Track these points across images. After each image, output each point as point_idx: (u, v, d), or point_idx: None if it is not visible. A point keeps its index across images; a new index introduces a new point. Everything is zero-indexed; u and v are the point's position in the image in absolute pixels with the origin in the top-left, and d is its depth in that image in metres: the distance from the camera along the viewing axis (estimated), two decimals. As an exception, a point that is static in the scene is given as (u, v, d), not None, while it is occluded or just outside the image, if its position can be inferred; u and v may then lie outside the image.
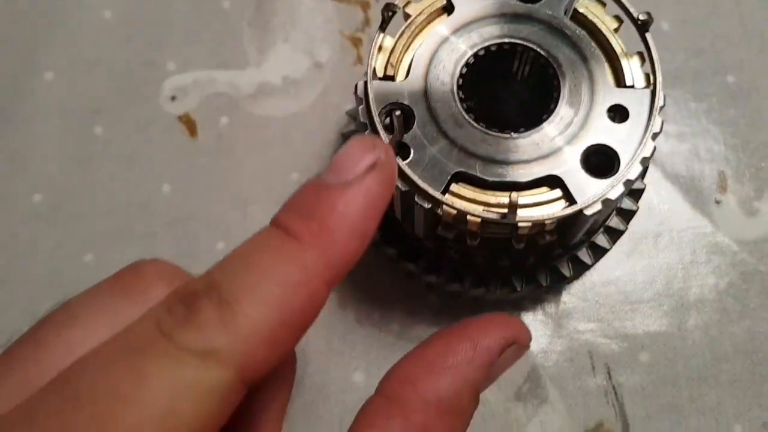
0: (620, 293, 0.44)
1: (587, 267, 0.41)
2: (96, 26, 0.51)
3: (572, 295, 0.44)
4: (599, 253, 0.41)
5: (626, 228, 0.41)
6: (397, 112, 0.34)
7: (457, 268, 0.41)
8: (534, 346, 0.43)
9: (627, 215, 0.41)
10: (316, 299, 0.25)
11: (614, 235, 0.41)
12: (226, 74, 0.50)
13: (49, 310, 0.43)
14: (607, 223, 0.41)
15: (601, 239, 0.41)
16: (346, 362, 0.43)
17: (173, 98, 0.50)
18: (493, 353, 0.29)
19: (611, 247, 0.41)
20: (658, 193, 0.47)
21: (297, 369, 0.34)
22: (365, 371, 0.43)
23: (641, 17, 0.36)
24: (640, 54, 0.37)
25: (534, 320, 0.44)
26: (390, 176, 0.28)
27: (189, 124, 0.49)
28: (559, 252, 0.40)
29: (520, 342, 0.31)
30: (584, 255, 0.41)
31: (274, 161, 0.48)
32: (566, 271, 0.41)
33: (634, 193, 0.41)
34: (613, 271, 0.45)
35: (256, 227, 0.46)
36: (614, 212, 0.41)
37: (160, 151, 0.48)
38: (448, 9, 0.38)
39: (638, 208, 0.41)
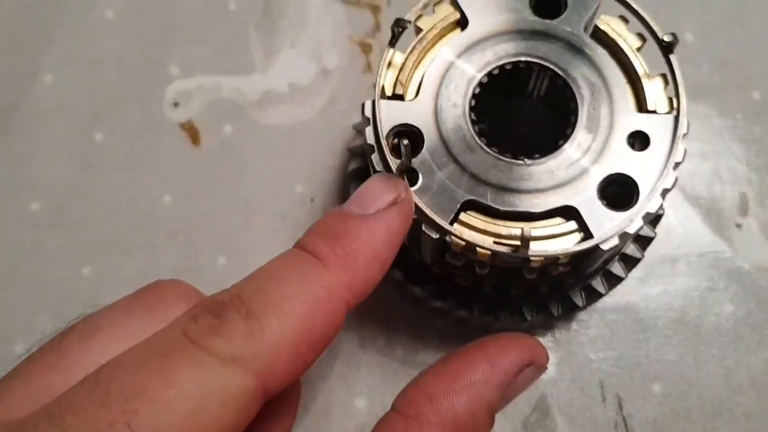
0: (633, 320, 0.43)
1: (601, 296, 0.39)
2: (98, 26, 0.50)
3: (583, 322, 0.43)
4: (614, 281, 0.39)
5: (643, 256, 0.39)
6: (405, 141, 0.32)
7: (465, 295, 0.39)
8: (542, 374, 0.41)
9: (644, 242, 0.40)
10: (336, 318, 0.27)
11: (630, 263, 0.39)
12: (231, 80, 0.49)
13: (46, 322, 0.42)
14: (623, 251, 0.39)
15: (616, 267, 0.39)
16: (349, 387, 0.42)
17: (176, 104, 0.48)
18: (510, 374, 0.30)
19: (627, 276, 0.39)
20: (676, 215, 0.45)
21: (301, 393, 0.34)
22: (368, 397, 0.41)
23: (666, 39, 0.34)
24: (664, 76, 0.35)
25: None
26: (409, 212, 0.31)
27: (192, 131, 0.47)
28: (573, 281, 0.38)
29: (538, 363, 0.32)
30: (598, 284, 0.39)
31: (279, 172, 0.46)
32: (579, 301, 0.39)
33: (652, 219, 0.39)
34: (627, 297, 0.43)
35: (259, 241, 0.45)
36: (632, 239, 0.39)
37: (161, 159, 0.47)
38: (462, 23, 0.36)
39: (656, 234, 0.40)
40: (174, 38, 0.49)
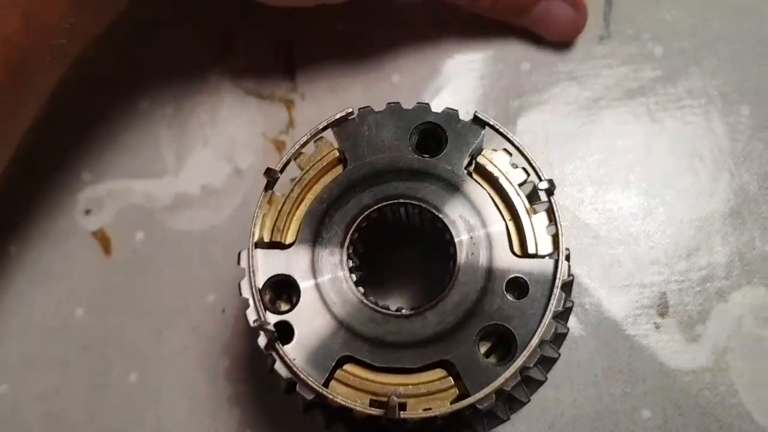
0: (547, 430, 0.42)
1: (502, 421, 0.38)
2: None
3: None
4: (517, 406, 0.38)
5: (546, 378, 0.38)
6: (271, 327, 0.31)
7: (360, 427, 0.38)
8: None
9: (547, 363, 0.39)
10: None
11: (533, 385, 0.38)
12: (143, 184, 0.48)
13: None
14: (525, 374, 0.38)
15: (518, 392, 0.38)
16: None
17: (88, 212, 0.47)
18: None
19: (529, 400, 0.38)
20: (590, 317, 0.44)
21: None
22: None
23: (541, 186, 0.33)
24: (548, 212, 0.34)
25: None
26: None
27: (103, 240, 0.47)
28: (470, 412, 0.37)
29: None
30: (500, 410, 0.38)
31: (191, 281, 0.46)
32: (480, 429, 0.38)
33: (555, 338, 0.38)
34: (540, 406, 0.42)
35: (170, 357, 0.45)
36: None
37: (74, 271, 0.47)
38: (343, 161, 0.35)
39: (560, 355, 0.39)
40: (84, 141, 0.49)
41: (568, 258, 0.34)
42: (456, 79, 0.48)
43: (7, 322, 0.46)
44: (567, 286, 0.33)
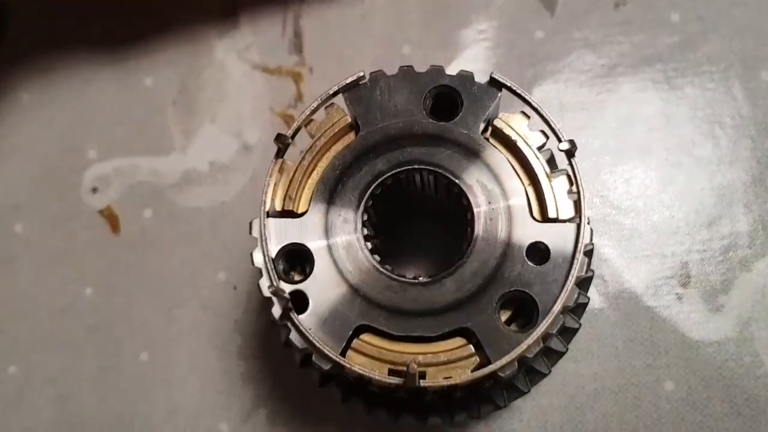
0: (569, 403, 0.41)
1: (523, 393, 0.38)
2: (13, 110, 0.48)
3: (517, 407, 0.41)
4: (537, 378, 0.37)
5: (567, 348, 0.37)
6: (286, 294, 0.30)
7: (380, 400, 0.37)
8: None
9: (568, 334, 0.37)
10: None
11: (553, 357, 0.37)
12: (150, 161, 0.47)
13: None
14: (546, 344, 0.37)
15: (539, 363, 0.37)
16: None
17: (94, 190, 0.47)
18: None
19: (550, 371, 0.37)
20: (611, 288, 0.42)
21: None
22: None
23: (562, 147, 0.31)
24: (569, 176, 0.33)
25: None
26: None
27: (111, 218, 0.46)
28: (491, 383, 0.37)
29: None
30: (520, 382, 0.37)
31: (201, 258, 0.45)
32: (500, 401, 0.37)
33: (575, 309, 0.37)
34: (562, 379, 0.41)
35: (180, 335, 0.44)
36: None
37: (82, 250, 0.46)
38: (355, 127, 0.34)
39: (580, 325, 0.38)
40: (89, 120, 0.48)
41: (589, 223, 0.33)
42: (468, 49, 0.47)
43: (15, 303, 0.45)
44: (587, 255, 0.32)
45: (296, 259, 0.33)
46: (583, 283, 0.38)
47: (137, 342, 0.44)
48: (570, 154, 0.32)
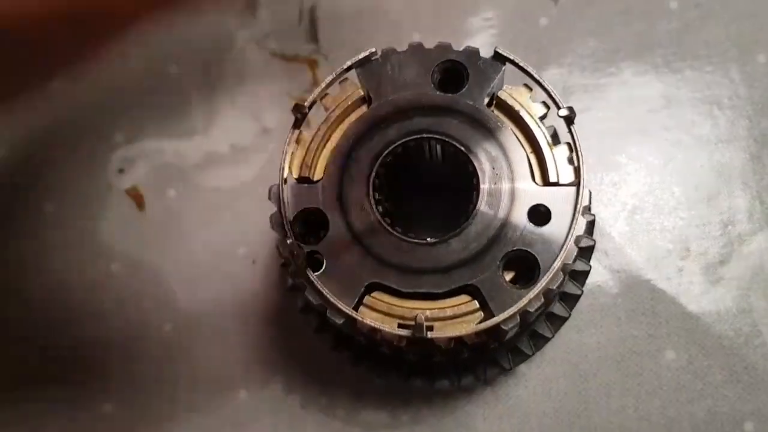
0: (572, 372, 0.43)
1: (528, 356, 0.39)
2: (44, 95, 0.51)
3: (522, 374, 0.43)
4: (541, 342, 0.39)
5: (569, 314, 0.39)
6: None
7: (390, 361, 0.39)
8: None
9: (571, 300, 0.39)
10: None
11: (557, 321, 0.39)
12: (174, 143, 0.49)
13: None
14: (549, 310, 0.39)
15: (542, 327, 0.39)
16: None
17: (121, 171, 0.49)
18: None
19: (553, 335, 0.39)
20: (613, 260, 0.44)
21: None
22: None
23: (561, 113, 0.34)
24: (569, 144, 0.35)
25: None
26: None
27: (137, 197, 0.49)
28: (495, 346, 0.38)
29: None
30: (524, 345, 0.39)
31: (222, 235, 0.47)
32: (505, 363, 0.39)
33: (577, 275, 0.39)
34: (565, 348, 0.43)
35: (204, 307, 0.47)
36: (557, 297, 0.39)
37: (108, 227, 0.48)
38: (368, 100, 0.37)
39: (583, 291, 0.39)
40: (117, 105, 0.50)
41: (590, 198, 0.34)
42: (475, 36, 0.49)
43: (47, 278, 0.48)
44: (589, 225, 0.34)
45: (312, 226, 0.35)
46: (585, 251, 0.40)
47: (162, 314, 0.46)
48: (569, 120, 0.34)
